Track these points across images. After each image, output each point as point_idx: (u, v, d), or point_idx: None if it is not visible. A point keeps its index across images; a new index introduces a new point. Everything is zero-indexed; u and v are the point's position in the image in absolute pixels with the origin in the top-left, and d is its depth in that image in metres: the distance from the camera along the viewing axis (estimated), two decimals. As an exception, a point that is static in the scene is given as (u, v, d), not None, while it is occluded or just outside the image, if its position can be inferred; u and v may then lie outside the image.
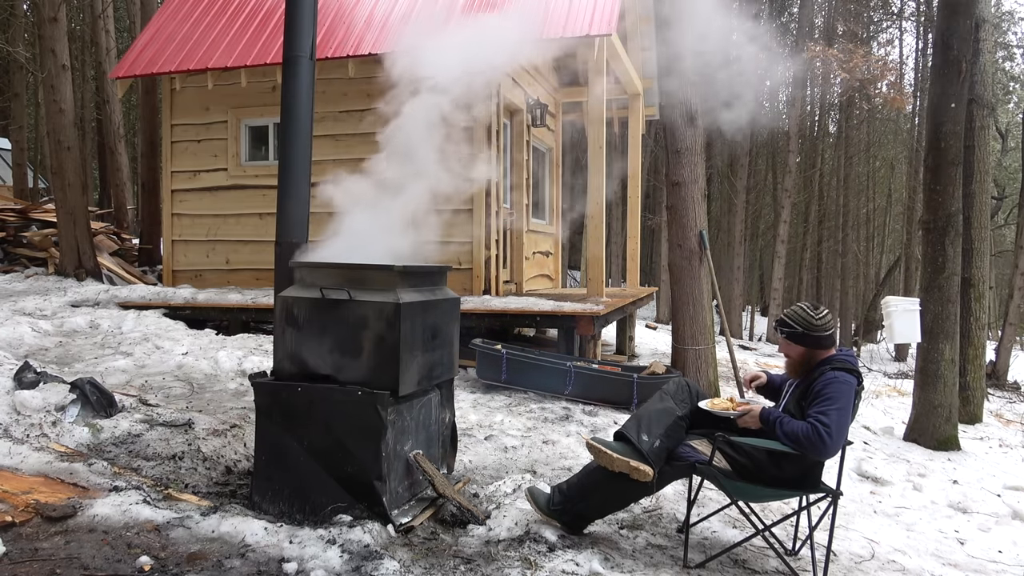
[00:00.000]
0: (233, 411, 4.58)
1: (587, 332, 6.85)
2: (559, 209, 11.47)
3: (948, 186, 6.91)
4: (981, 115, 8.38)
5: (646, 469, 3.14)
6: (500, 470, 4.26)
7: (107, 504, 3.12)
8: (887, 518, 4.61)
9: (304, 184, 3.79)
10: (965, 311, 8.04)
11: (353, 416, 3.23)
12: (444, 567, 2.95)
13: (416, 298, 3.39)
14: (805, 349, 3.31)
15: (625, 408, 5.90)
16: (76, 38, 19.96)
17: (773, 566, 3.40)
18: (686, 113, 6.60)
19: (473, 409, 5.56)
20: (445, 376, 3.77)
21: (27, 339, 6.38)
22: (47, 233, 10.91)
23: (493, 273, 8.36)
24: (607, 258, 14.50)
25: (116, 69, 9.25)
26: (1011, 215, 20.56)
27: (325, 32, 8.34)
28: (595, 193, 7.99)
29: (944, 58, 6.96)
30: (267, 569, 2.77)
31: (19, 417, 3.98)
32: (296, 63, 3.75)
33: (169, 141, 9.25)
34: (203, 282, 9.04)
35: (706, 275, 6.77)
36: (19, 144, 17.37)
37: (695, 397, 3.44)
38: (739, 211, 20.23)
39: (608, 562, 3.10)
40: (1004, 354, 12.17)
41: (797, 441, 3.05)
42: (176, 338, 6.69)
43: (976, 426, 8.06)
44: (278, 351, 3.46)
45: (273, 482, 3.36)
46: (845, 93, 20.53)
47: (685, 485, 3.76)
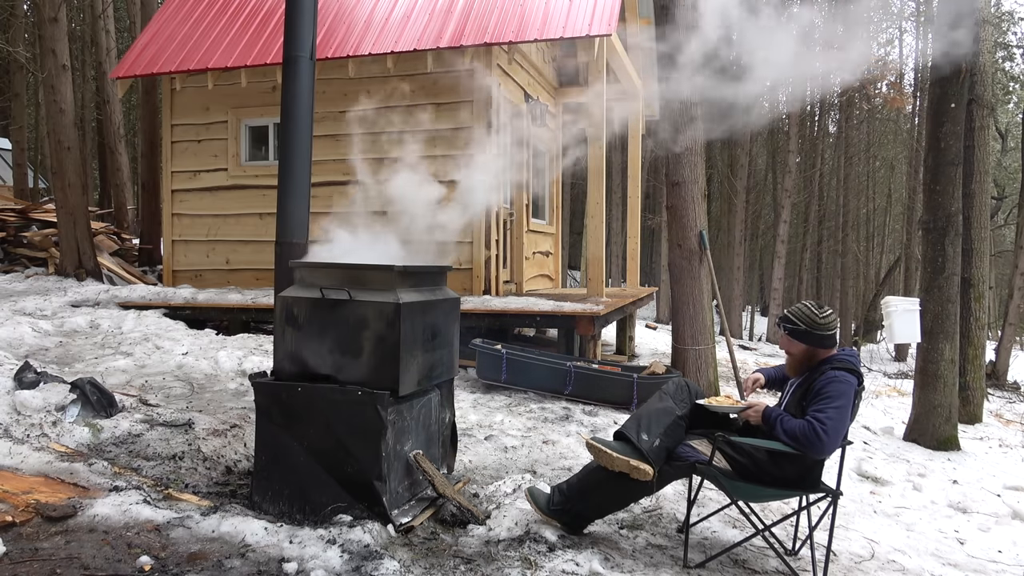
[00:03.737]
0: (233, 411, 4.58)
1: (587, 332, 6.85)
2: (559, 209, 11.47)
3: (948, 186, 6.92)
4: (981, 115, 8.38)
5: (646, 468, 3.14)
6: (500, 470, 4.26)
7: (107, 504, 3.12)
8: (887, 518, 4.62)
9: (304, 184, 3.79)
10: (965, 311, 8.04)
11: (353, 416, 3.23)
12: (444, 567, 2.95)
13: (416, 298, 3.39)
14: (806, 347, 3.31)
15: (625, 408, 5.90)
16: (76, 38, 19.97)
17: (773, 566, 3.40)
18: (686, 113, 6.60)
19: (473, 409, 5.56)
20: (445, 376, 3.77)
21: (27, 339, 6.38)
22: (47, 233, 10.91)
23: (493, 273, 8.36)
24: (607, 258, 14.50)
25: (116, 69, 9.25)
26: (1011, 215, 20.55)
27: (325, 32, 8.34)
28: (595, 193, 7.99)
29: (944, 58, 6.96)
30: (267, 569, 2.78)
31: (19, 417, 3.98)
32: (296, 63, 3.76)
33: (169, 141, 9.26)
34: (203, 282, 9.04)
35: (706, 275, 6.77)
36: (19, 144, 17.38)
37: (695, 397, 3.44)
38: (739, 211, 20.24)
39: (608, 562, 3.10)
40: (1004, 354, 12.17)
41: (795, 439, 3.06)
42: (176, 338, 6.69)
43: (976, 426, 8.06)
44: (278, 351, 3.46)
45: (273, 482, 3.36)
46: (845, 93, 20.54)
47: (685, 485, 3.76)
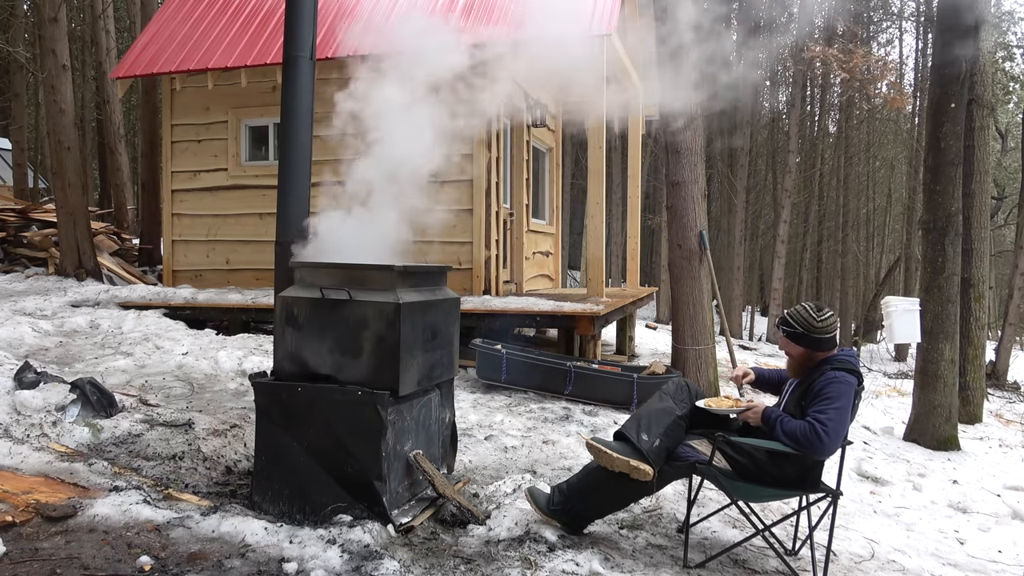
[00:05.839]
0: (233, 411, 4.58)
1: (587, 332, 6.85)
2: (559, 209, 11.47)
3: (948, 186, 6.92)
4: (981, 115, 8.38)
5: (646, 469, 3.14)
6: (500, 470, 4.26)
7: (107, 504, 3.12)
8: (887, 518, 4.62)
9: (304, 184, 3.79)
10: (965, 311, 8.04)
11: (353, 416, 3.23)
12: (444, 567, 2.95)
13: (416, 298, 3.39)
14: (805, 349, 3.31)
15: (625, 408, 5.90)
16: (76, 38, 19.95)
17: (773, 566, 3.40)
18: (686, 113, 6.60)
19: (473, 409, 5.56)
20: (445, 376, 3.77)
21: (27, 339, 6.38)
22: (47, 233, 10.91)
23: (493, 273, 8.36)
24: (607, 258, 14.50)
25: (116, 69, 9.25)
26: (1011, 215, 20.55)
27: (325, 32, 8.34)
28: (595, 193, 7.99)
29: (944, 58, 6.96)
30: (267, 569, 2.78)
31: (19, 417, 3.98)
32: (296, 63, 3.76)
33: (169, 141, 9.25)
34: (203, 282, 9.04)
35: (706, 275, 6.77)
36: (19, 144, 17.38)
37: (694, 397, 3.44)
38: (739, 211, 20.23)
39: (608, 562, 3.10)
40: (1004, 354, 12.17)
41: (795, 440, 3.06)
42: (176, 338, 6.69)
43: (976, 426, 8.06)
44: (278, 351, 3.46)
45: (273, 482, 3.36)
46: (845, 93, 20.54)
47: (685, 485, 3.76)
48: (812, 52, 15.11)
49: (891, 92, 16.87)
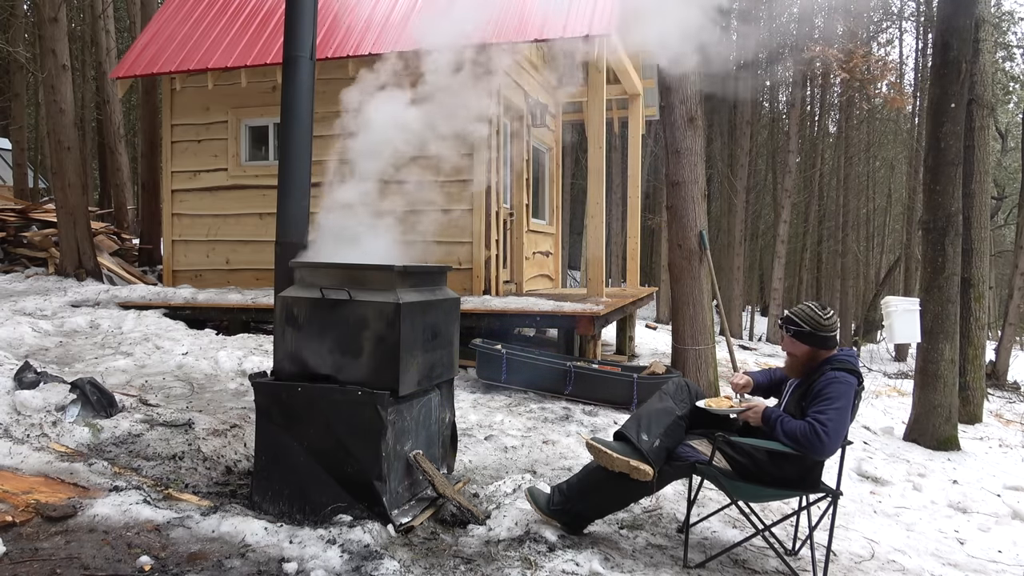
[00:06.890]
0: (233, 411, 4.58)
1: (587, 332, 6.85)
2: (559, 209, 11.47)
3: (948, 186, 6.91)
4: (981, 115, 8.38)
5: (646, 469, 3.14)
6: (500, 470, 4.26)
7: (107, 504, 3.12)
8: (887, 518, 4.62)
9: (304, 184, 3.79)
10: (965, 311, 8.04)
11: (353, 416, 3.23)
12: (444, 567, 2.95)
13: (416, 298, 3.39)
14: (809, 348, 3.31)
15: (625, 408, 5.90)
16: (76, 38, 19.96)
17: (773, 566, 3.40)
18: (686, 113, 6.60)
19: (473, 409, 5.56)
20: (445, 376, 3.77)
21: (27, 339, 6.38)
22: (47, 233, 10.91)
23: (493, 273, 8.36)
24: (607, 258, 14.50)
25: (116, 69, 9.25)
26: (1011, 215, 20.54)
27: (325, 32, 8.34)
28: (595, 193, 7.99)
29: (944, 58, 6.96)
30: (267, 569, 2.78)
31: (19, 417, 3.98)
32: (296, 63, 3.75)
33: (169, 141, 9.25)
34: (203, 282, 9.04)
35: (706, 275, 6.77)
36: (19, 144, 17.38)
37: (694, 397, 3.44)
38: (739, 211, 20.24)
39: (608, 562, 3.10)
40: (1004, 354, 12.17)
41: (795, 440, 3.06)
42: (176, 338, 6.69)
43: (976, 426, 8.06)
44: (278, 351, 3.46)
45: (273, 482, 3.36)
46: (845, 93, 20.54)
47: (685, 485, 3.76)
48: (812, 52, 15.12)
49: (891, 92, 16.89)
